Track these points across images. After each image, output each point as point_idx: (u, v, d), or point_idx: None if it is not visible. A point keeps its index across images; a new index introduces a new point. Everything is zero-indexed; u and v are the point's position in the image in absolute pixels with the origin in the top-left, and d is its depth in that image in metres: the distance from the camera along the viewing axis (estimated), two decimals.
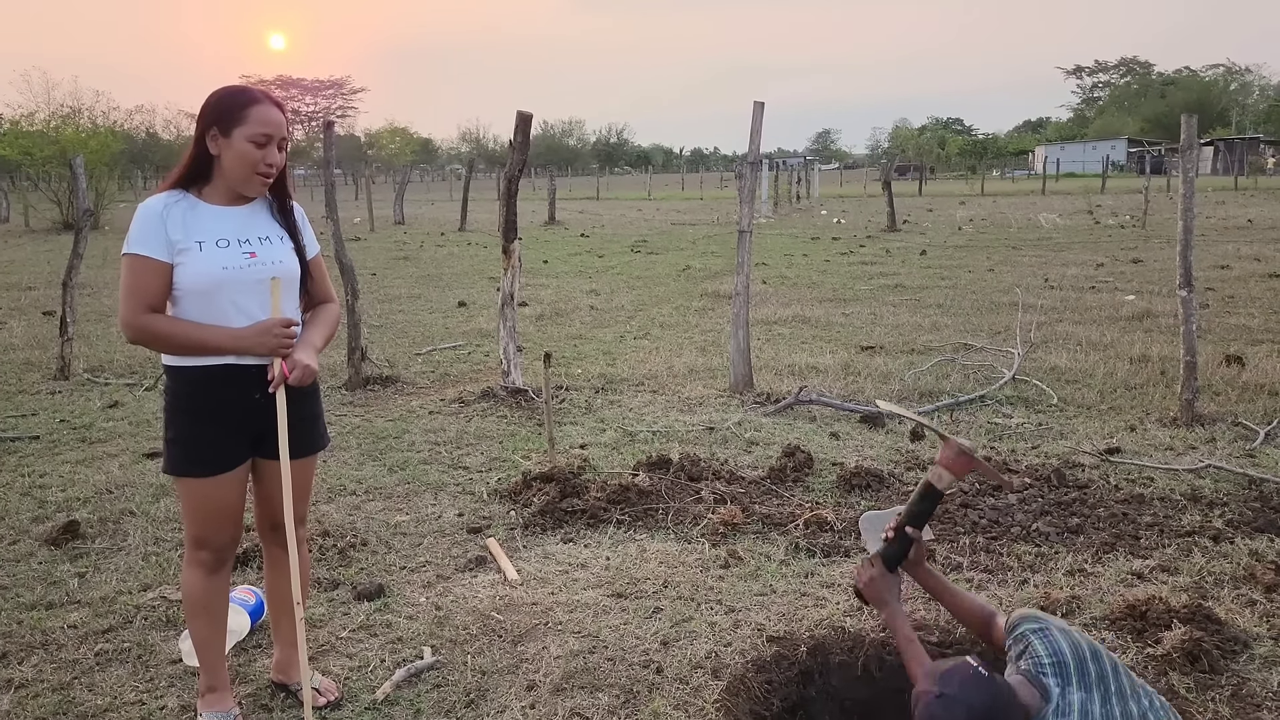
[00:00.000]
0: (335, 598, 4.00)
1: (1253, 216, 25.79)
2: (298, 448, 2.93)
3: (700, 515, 4.80)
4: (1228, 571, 3.99)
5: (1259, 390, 7.07)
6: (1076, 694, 2.32)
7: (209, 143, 2.75)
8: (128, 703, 3.23)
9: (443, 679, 3.37)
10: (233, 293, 2.77)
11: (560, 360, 8.96)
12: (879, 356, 8.79)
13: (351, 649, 3.58)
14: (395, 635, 3.68)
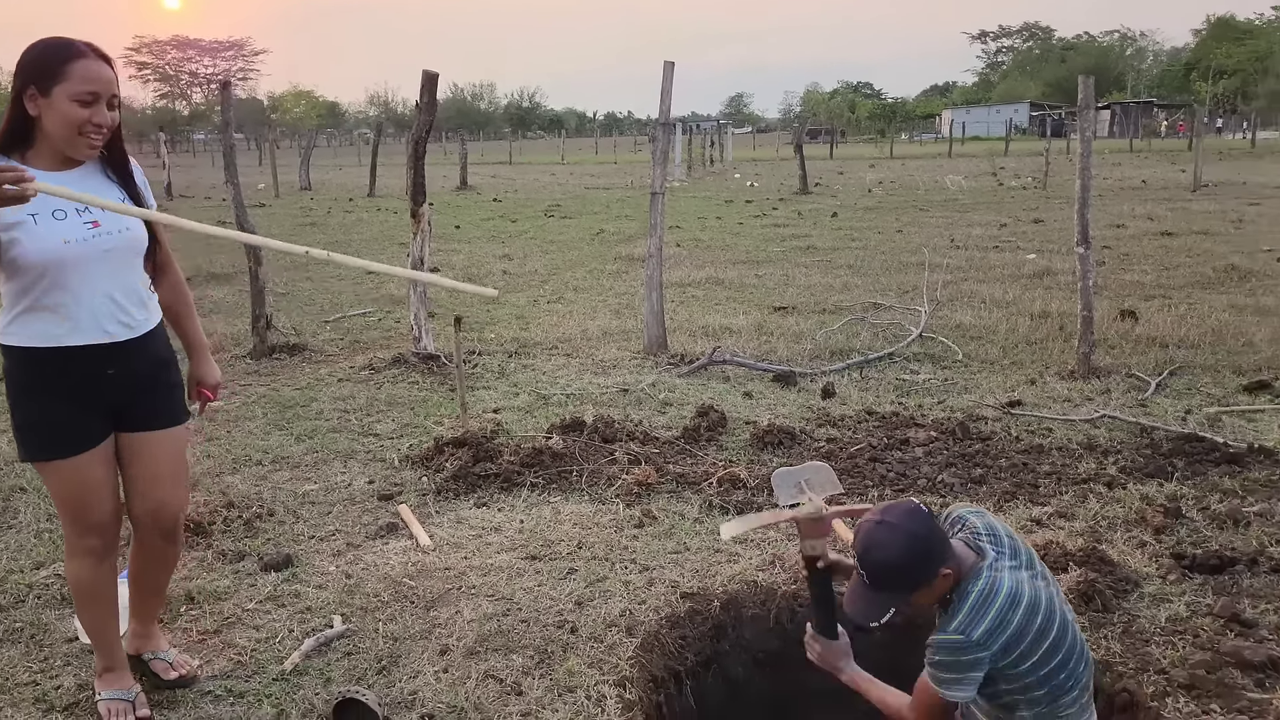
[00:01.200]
0: (241, 569, 3.89)
1: (1146, 177, 26.73)
2: (163, 418, 2.82)
3: (614, 476, 4.80)
4: (1120, 515, 4.15)
5: (1151, 343, 7.35)
6: (1008, 561, 2.44)
7: (27, 103, 2.49)
8: (21, 683, 3.11)
9: (354, 647, 3.31)
10: (81, 267, 2.56)
11: (473, 325, 8.84)
12: (791, 317, 8.89)
13: (258, 621, 3.49)
14: (304, 605, 3.60)
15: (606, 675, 3.11)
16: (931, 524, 2.41)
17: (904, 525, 2.35)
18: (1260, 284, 9.88)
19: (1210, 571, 3.59)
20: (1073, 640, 2.44)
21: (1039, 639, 2.37)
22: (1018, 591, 2.37)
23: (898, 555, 2.33)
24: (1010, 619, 2.35)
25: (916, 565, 2.35)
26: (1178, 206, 18.37)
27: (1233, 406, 5.71)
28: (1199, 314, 8.33)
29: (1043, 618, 2.38)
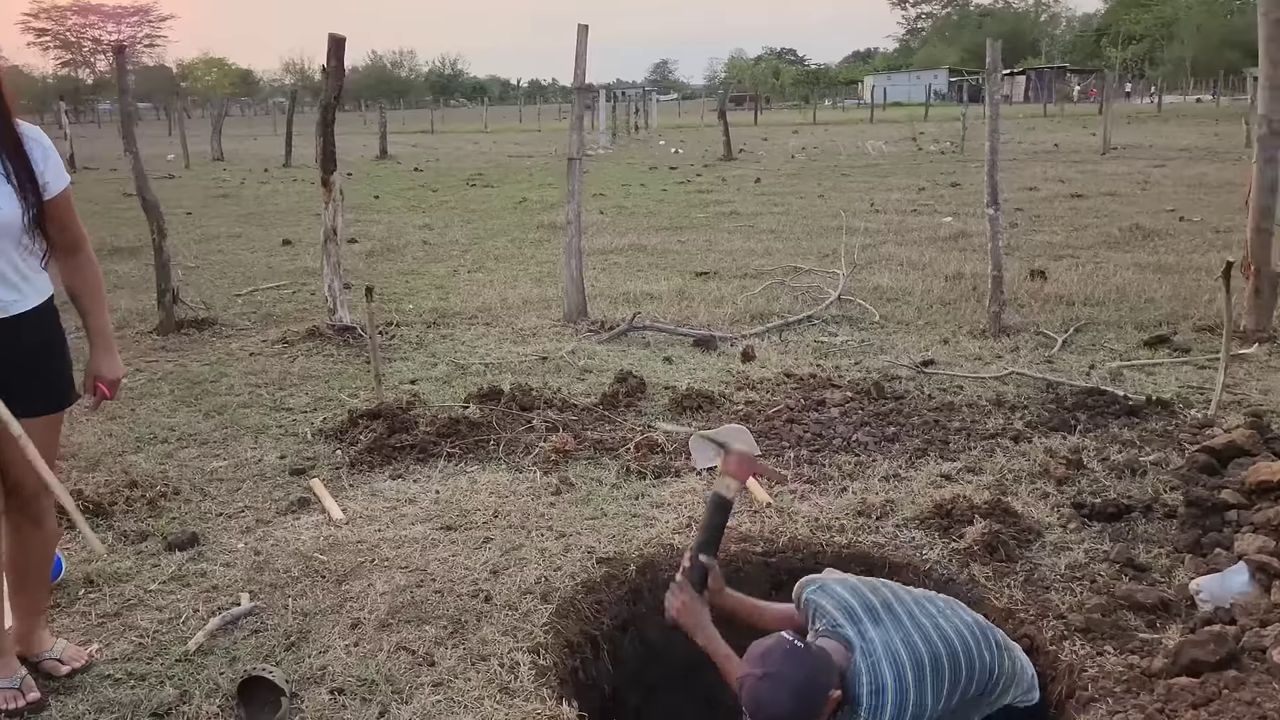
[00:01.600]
0: (144, 550, 3.78)
1: (1059, 141, 27.37)
2: (38, 404, 2.69)
3: (532, 444, 4.77)
4: (1025, 469, 4.26)
5: (1059, 301, 7.54)
6: (873, 630, 2.48)
7: None
8: None
9: (261, 624, 3.25)
10: None
11: (391, 296, 8.70)
12: (713, 282, 8.92)
13: (161, 602, 3.40)
14: (210, 584, 3.51)
15: (520, 642, 3.10)
16: (808, 659, 2.37)
17: (786, 674, 2.33)
18: (1163, 243, 10.21)
19: (1108, 519, 3.71)
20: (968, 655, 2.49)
21: (939, 686, 2.43)
22: (899, 668, 2.41)
23: (788, 708, 2.32)
24: (908, 699, 2.40)
25: (805, 710, 2.34)
26: (1088, 169, 18.86)
27: (1134, 361, 5.90)
28: (1105, 273, 8.57)
29: (931, 667, 2.44)
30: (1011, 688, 2.62)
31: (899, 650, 2.43)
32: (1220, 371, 4.97)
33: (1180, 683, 2.57)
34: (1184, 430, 4.59)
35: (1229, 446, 4.07)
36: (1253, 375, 5.51)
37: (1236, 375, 5.45)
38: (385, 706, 2.79)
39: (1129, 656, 2.83)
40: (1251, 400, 5.04)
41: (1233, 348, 5.73)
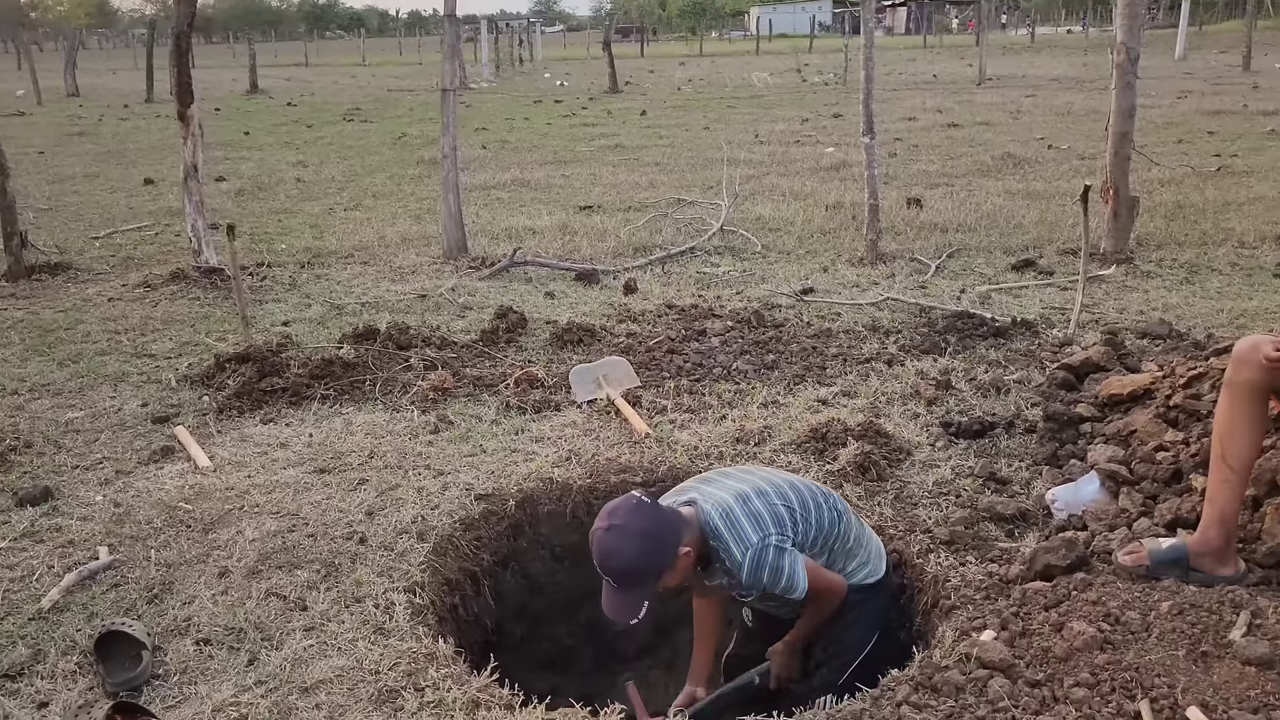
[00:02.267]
0: None
1: (937, 72, 27.87)
2: None
3: (409, 383, 4.67)
4: (897, 391, 4.37)
5: (934, 228, 7.72)
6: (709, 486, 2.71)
7: None
8: None
9: (121, 578, 3.11)
10: None
11: (263, 236, 8.36)
12: (596, 215, 8.83)
13: (12, 559, 3.22)
14: (66, 539, 3.35)
15: (396, 583, 3.04)
16: (656, 513, 2.49)
17: (630, 525, 2.42)
18: (1032, 170, 10.53)
19: (973, 437, 3.84)
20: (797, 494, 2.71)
21: (786, 505, 2.65)
22: (738, 492, 2.64)
23: (633, 557, 2.43)
24: (757, 509, 2.59)
25: (652, 559, 2.45)
26: (964, 99, 19.28)
27: (1001, 284, 6.09)
28: (977, 200, 8.80)
29: (766, 485, 2.68)
30: (858, 551, 2.82)
31: (733, 486, 2.66)
32: (1079, 292, 5.17)
33: (1034, 587, 2.69)
34: (1046, 349, 4.77)
35: (1086, 363, 4.25)
36: (1110, 295, 5.76)
37: (1095, 295, 5.68)
38: (254, 654, 2.71)
39: (989, 565, 2.94)
40: (1108, 319, 5.27)
41: (1092, 269, 5.98)
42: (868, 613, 2.85)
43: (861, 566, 2.82)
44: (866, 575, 2.82)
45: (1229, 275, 6.15)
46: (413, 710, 2.42)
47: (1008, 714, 2.24)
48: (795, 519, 2.64)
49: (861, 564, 2.82)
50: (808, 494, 2.73)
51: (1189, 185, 9.19)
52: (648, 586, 2.49)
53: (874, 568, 2.86)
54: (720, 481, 2.73)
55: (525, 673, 3.71)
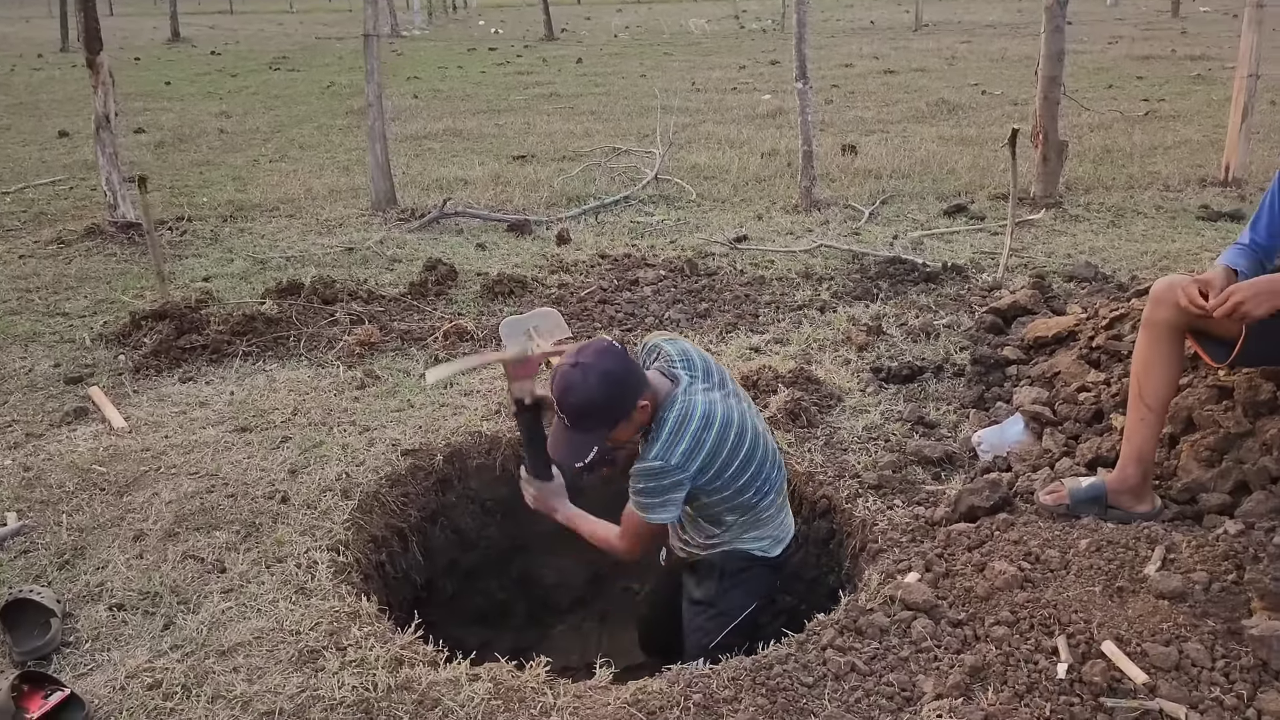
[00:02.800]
0: None
1: (875, 18, 27.78)
2: None
3: (335, 338, 4.56)
4: (829, 337, 4.37)
5: (868, 175, 7.72)
6: (701, 384, 2.52)
7: None
8: None
9: (31, 543, 3.00)
10: None
11: (184, 189, 8.08)
12: (530, 165, 8.68)
13: None
14: None
15: (319, 541, 2.97)
16: (624, 360, 2.41)
17: (597, 364, 2.34)
18: (965, 116, 10.57)
19: (903, 381, 3.86)
20: (764, 450, 2.58)
21: (734, 454, 2.48)
22: (710, 413, 2.45)
23: (592, 395, 2.32)
24: (705, 439, 2.43)
25: (612, 402, 2.35)
26: (900, 45, 19.27)
27: (933, 230, 6.12)
28: (911, 146, 8.82)
29: (735, 433, 2.49)
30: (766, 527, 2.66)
31: (715, 407, 2.46)
32: (1007, 236, 5.21)
33: (958, 528, 2.71)
34: (975, 293, 4.80)
35: (1013, 306, 4.28)
36: (1039, 239, 5.81)
37: (1024, 239, 5.73)
38: (170, 618, 2.63)
39: (915, 508, 2.96)
40: (1036, 262, 5.32)
41: (1021, 214, 6.03)
42: (750, 581, 2.70)
43: (759, 540, 2.65)
44: (760, 549, 2.66)
45: (1154, 218, 6.24)
46: (334, 670, 2.37)
47: (930, 654, 2.26)
48: (729, 473, 2.48)
49: (761, 538, 2.65)
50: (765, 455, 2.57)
51: (1117, 130, 9.31)
52: (599, 431, 2.40)
53: (770, 547, 2.68)
54: (713, 393, 2.51)
55: (457, 628, 3.69)
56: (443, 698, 2.26)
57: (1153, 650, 2.11)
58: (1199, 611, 2.20)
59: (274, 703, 2.28)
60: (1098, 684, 2.06)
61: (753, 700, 2.18)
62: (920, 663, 2.24)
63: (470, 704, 2.23)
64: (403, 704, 2.25)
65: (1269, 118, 9.27)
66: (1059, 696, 2.06)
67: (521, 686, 2.29)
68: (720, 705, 2.18)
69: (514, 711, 2.22)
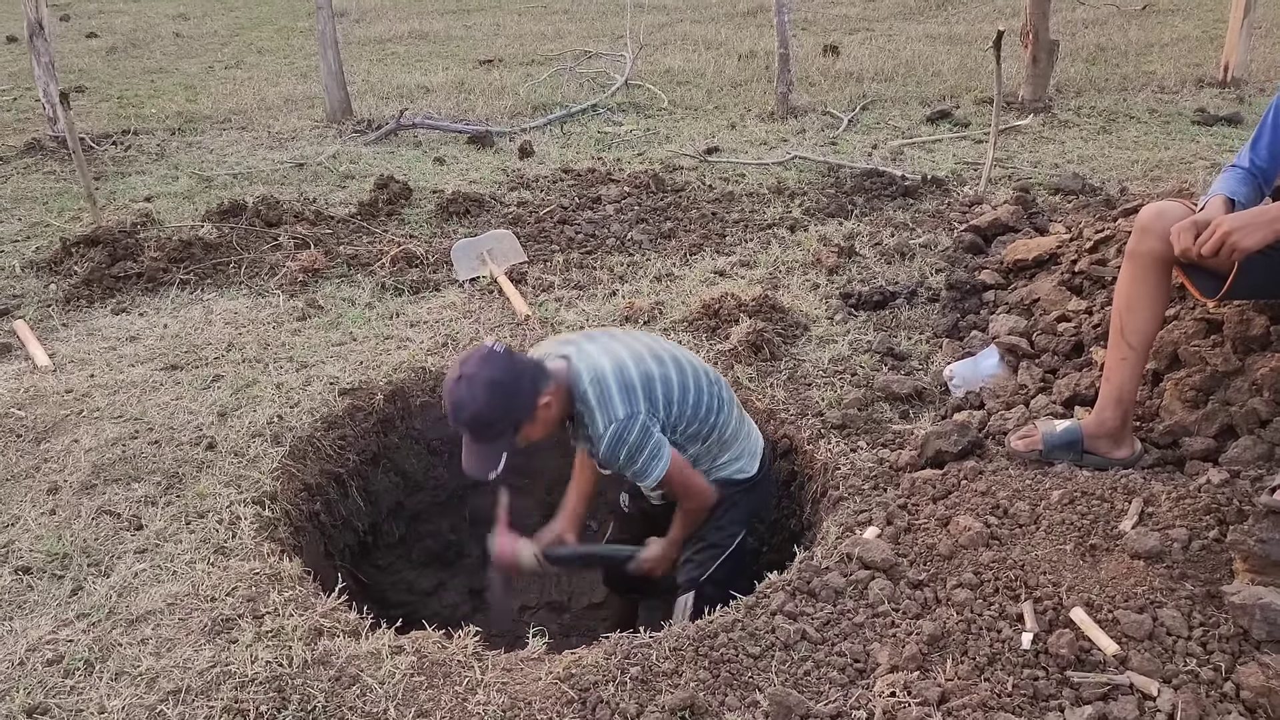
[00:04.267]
0: None
1: None
2: None
3: (278, 264, 4.30)
4: (798, 259, 4.13)
5: (849, 78, 7.36)
6: (589, 344, 2.45)
7: None
8: None
9: None
10: None
11: (132, 99, 7.69)
12: (495, 71, 8.28)
13: None
14: None
15: (245, 493, 2.78)
16: (510, 362, 2.29)
17: (481, 375, 2.24)
18: (955, 11, 10.12)
19: (874, 308, 3.64)
20: (691, 368, 2.51)
21: (665, 378, 2.43)
22: (616, 356, 2.40)
23: (482, 407, 2.25)
24: (630, 377, 2.36)
25: (507, 409, 2.28)
26: None
27: (914, 138, 5.82)
28: (896, 45, 8.42)
29: (651, 357, 2.44)
30: (734, 446, 2.61)
31: (614, 349, 2.43)
32: (990, 145, 4.92)
33: (924, 475, 2.53)
34: (955, 208, 4.55)
35: (994, 224, 4.04)
36: (1025, 147, 5.53)
37: (1010, 148, 5.45)
38: (79, 582, 2.45)
39: (880, 450, 2.78)
40: (1021, 173, 5.05)
41: (1008, 120, 5.73)
42: (733, 510, 2.65)
43: (734, 461, 2.61)
44: (738, 471, 2.62)
45: (1147, 123, 5.95)
46: (248, 642, 2.20)
47: (887, 619, 2.09)
48: (672, 398, 2.42)
49: (734, 458, 2.61)
50: (692, 374, 2.50)
51: (1113, 26, 8.90)
52: (504, 438, 2.31)
53: (746, 464, 2.65)
54: (603, 341, 2.47)
55: (409, 570, 3.56)
56: (362, 673, 2.10)
57: (1125, 617, 1.94)
58: (1177, 573, 2.03)
59: (181, 679, 2.11)
60: (1064, 656, 1.90)
61: (694, 674, 2.02)
62: (876, 629, 2.08)
63: (390, 680, 2.07)
64: (318, 680, 2.08)
65: (1272, 12, 8.86)
66: (1023, 670, 1.90)
67: (447, 660, 2.13)
68: (659, 679, 2.02)
69: (437, 689, 2.05)
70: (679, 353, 2.55)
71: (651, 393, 2.37)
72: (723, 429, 2.56)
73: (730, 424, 2.58)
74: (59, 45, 7.63)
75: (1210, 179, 4.56)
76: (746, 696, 1.96)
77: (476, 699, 2.01)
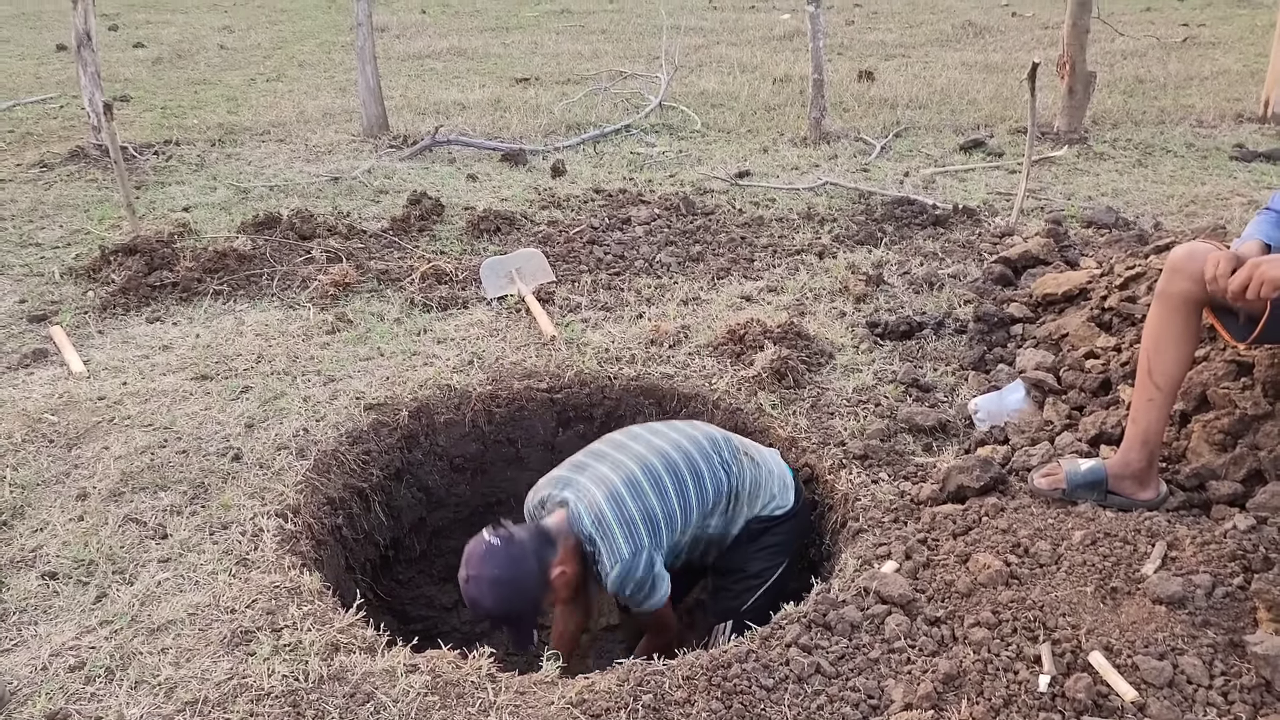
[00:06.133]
0: None
1: None
2: None
3: (310, 277, 4.35)
4: (826, 286, 4.12)
5: (883, 104, 7.36)
6: (582, 476, 2.54)
7: None
8: None
9: None
10: None
11: (175, 110, 7.83)
12: (532, 89, 8.35)
13: None
14: None
15: (268, 505, 2.81)
16: (508, 554, 2.37)
17: (485, 576, 2.36)
18: (992, 40, 10.09)
19: (900, 338, 3.63)
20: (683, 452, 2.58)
21: (660, 490, 2.50)
22: (607, 486, 2.48)
23: (493, 605, 2.37)
24: (630, 514, 2.45)
25: (516, 601, 2.39)
26: None
27: (947, 167, 5.80)
28: (932, 72, 8.41)
29: (641, 470, 2.51)
30: (760, 492, 2.68)
31: (606, 476, 2.50)
32: (1023, 176, 4.89)
33: (944, 510, 2.52)
34: (986, 239, 4.53)
35: (1024, 256, 4.02)
36: (1059, 179, 5.50)
37: (1044, 179, 5.42)
38: (104, 589, 2.49)
39: (902, 483, 2.76)
40: (1054, 205, 5.02)
41: (1043, 150, 5.70)
42: (772, 542, 2.72)
43: (766, 504, 2.69)
44: (774, 508, 2.71)
45: (1184, 157, 5.89)
46: (266, 655, 2.22)
47: (903, 655, 2.08)
48: (675, 521, 2.51)
49: (765, 502, 2.69)
50: (689, 466, 2.57)
51: (1152, 58, 8.84)
52: (526, 620, 2.44)
53: (780, 499, 2.72)
54: (594, 468, 2.55)
55: (428, 586, 3.58)
56: (376, 690, 2.11)
57: (1145, 663, 1.92)
58: (1199, 620, 2.01)
59: (199, 690, 2.13)
60: (1081, 700, 1.88)
61: (706, 704, 2.01)
62: (891, 665, 2.06)
63: (405, 699, 2.08)
64: (333, 697, 2.10)
65: None
66: (1038, 713, 1.88)
67: (461, 680, 2.14)
68: (671, 708, 2.02)
69: (450, 709, 2.06)
70: (671, 446, 2.60)
71: (653, 524, 2.48)
72: (738, 488, 2.64)
73: (745, 478, 2.66)
74: (106, 55, 7.79)
75: (1247, 216, 4.51)
76: None
77: None
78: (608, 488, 2.47)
